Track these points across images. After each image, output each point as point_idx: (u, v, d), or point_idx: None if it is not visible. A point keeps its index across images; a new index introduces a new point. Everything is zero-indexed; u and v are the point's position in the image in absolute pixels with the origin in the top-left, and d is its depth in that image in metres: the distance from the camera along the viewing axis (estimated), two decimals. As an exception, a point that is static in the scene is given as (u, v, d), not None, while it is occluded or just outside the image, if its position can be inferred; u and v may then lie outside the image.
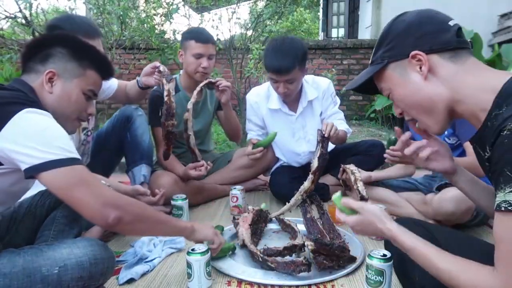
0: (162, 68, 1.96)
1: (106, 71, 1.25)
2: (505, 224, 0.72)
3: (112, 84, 2.10)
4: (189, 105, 2.01)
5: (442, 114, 0.91)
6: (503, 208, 0.70)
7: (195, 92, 2.05)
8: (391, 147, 1.67)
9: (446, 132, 1.82)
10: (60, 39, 1.17)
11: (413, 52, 0.87)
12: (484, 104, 0.81)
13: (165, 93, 1.90)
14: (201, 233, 1.30)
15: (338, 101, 2.30)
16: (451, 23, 0.89)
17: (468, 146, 1.72)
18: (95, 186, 1.00)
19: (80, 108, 1.19)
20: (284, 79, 1.98)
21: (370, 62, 1.00)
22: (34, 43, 1.17)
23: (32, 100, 1.04)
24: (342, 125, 2.16)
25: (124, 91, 2.13)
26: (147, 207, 1.15)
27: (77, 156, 1.00)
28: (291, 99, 2.17)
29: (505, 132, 0.72)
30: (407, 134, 1.14)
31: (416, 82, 0.90)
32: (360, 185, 1.77)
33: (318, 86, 2.24)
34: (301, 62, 1.99)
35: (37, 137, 0.95)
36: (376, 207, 1.04)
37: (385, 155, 1.68)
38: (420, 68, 0.88)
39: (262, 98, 2.26)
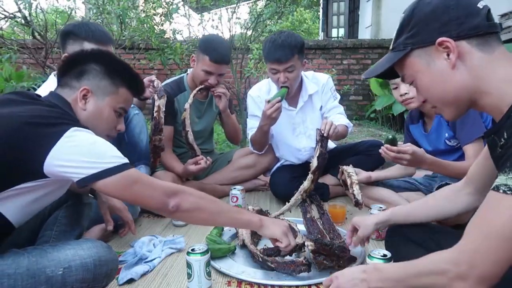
0: (156, 83, 2.02)
1: (137, 89, 1.27)
2: (494, 203, 0.72)
3: None
4: (186, 105, 2.09)
5: (464, 105, 0.87)
6: (501, 191, 0.70)
7: (191, 95, 2.11)
8: (387, 145, 1.70)
9: (446, 135, 1.82)
10: (96, 56, 1.20)
11: (440, 39, 0.81)
12: (509, 98, 0.78)
13: (155, 109, 1.95)
14: (269, 230, 1.28)
15: (338, 96, 2.30)
16: (480, 5, 0.82)
17: (467, 149, 1.71)
18: (150, 181, 1.09)
19: (110, 125, 1.23)
20: (284, 67, 1.99)
21: (391, 47, 0.93)
22: (71, 58, 1.21)
23: (74, 119, 1.10)
24: (342, 119, 2.16)
25: None
26: (208, 197, 1.18)
27: (127, 160, 1.06)
28: (292, 94, 2.16)
29: None
30: None
31: (443, 71, 0.84)
32: (356, 189, 1.77)
33: (318, 81, 2.25)
34: (300, 51, 2.02)
35: (89, 151, 1.00)
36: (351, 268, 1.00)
37: (380, 151, 1.74)
38: (448, 55, 0.82)
39: (263, 92, 2.27)
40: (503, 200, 0.70)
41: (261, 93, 2.27)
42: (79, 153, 0.99)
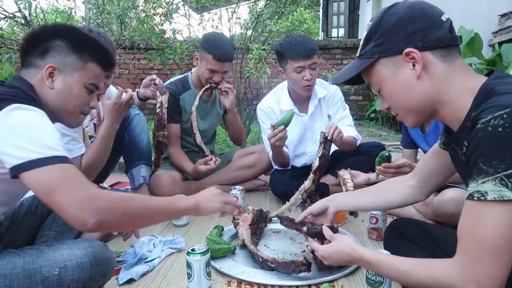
0: (157, 81, 2.04)
1: (107, 63, 1.21)
2: (474, 213, 0.74)
3: None
4: (193, 108, 2.12)
5: (426, 114, 0.91)
6: (475, 198, 0.72)
7: (197, 97, 2.14)
8: (384, 164, 1.69)
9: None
10: (59, 32, 1.13)
11: (407, 50, 0.84)
12: (465, 107, 0.82)
13: (158, 105, 1.97)
14: (208, 209, 1.19)
15: (347, 106, 2.31)
16: (443, 17, 0.86)
17: None
18: (77, 188, 0.89)
19: (82, 102, 1.16)
20: (310, 62, 2.05)
21: (358, 54, 0.95)
22: (32, 37, 1.12)
23: (27, 98, 0.99)
24: (350, 131, 2.17)
25: None
26: (136, 199, 1.05)
27: (63, 154, 0.92)
28: (311, 93, 2.18)
29: (479, 125, 0.73)
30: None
31: (408, 81, 0.87)
32: None
33: (327, 88, 2.27)
34: (317, 48, 2.12)
35: (21, 134, 0.89)
36: (346, 236, 1.12)
37: (377, 171, 1.75)
38: (413, 66, 0.85)
39: (273, 102, 2.27)
40: (484, 209, 0.72)
41: (271, 103, 2.26)
42: (10, 134, 0.88)
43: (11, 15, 3.33)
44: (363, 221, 1.87)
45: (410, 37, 0.85)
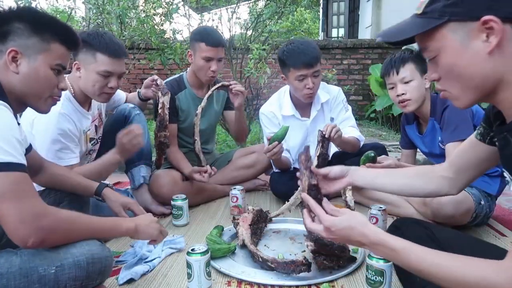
0: (159, 81, 2.04)
1: (71, 42, 1.18)
2: None
3: (122, 97, 2.16)
4: (199, 110, 2.09)
5: (483, 94, 0.78)
6: None
7: (205, 97, 2.11)
8: (368, 164, 1.70)
9: (440, 138, 1.81)
10: (16, 14, 1.09)
11: (487, 17, 0.69)
12: None
13: (159, 106, 1.97)
14: (144, 235, 1.27)
15: (349, 107, 2.31)
16: None
17: (451, 148, 1.67)
18: (24, 202, 0.91)
19: (50, 84, 1.13)
20: (313, 71, 2.02)
21: (419, 12, 0.79)
22: None
23: None
24: (353, 132, 2.16)
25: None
26: (81, 221, 1.09)
27: (17, 160, 0.91)
28: (314, 99, 2.17)
29: None
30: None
31: (477, 54, 0.73)
32: (349, 195, 1.78)
33: (329, 91, 2.27)
34: (320, 56, 2.08)
35: None
36: (357, 212, 1.01)
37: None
38: (487, 37, 0.71)
39: (275, 107, 2.26)
40: None
41: (273, 108, 2.26)
42: None
43: (11, 15, 3.33)
44: (363, 221, 1.87)
45: (495, 2, 0.70)
